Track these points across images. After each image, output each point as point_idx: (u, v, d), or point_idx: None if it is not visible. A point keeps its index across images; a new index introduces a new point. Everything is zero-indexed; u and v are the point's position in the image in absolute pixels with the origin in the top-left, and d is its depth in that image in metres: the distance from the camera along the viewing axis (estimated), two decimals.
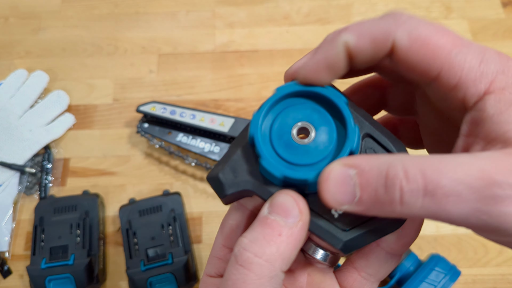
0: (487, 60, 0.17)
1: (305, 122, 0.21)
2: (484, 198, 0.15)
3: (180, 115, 0.55)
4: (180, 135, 0.56)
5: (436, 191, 0.15)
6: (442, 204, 0.15)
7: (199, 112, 0.56)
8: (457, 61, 0.17)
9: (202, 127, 0.55)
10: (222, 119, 0.55)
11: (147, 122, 0.58)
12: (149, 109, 0.56)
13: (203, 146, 0.55)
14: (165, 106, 0.56)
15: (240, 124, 0.55)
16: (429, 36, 0.18)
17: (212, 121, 0.55)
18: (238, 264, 0.18)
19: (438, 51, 0.17)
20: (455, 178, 0.15)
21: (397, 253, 0.22)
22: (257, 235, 0.18)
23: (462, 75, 0.17)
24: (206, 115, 0.56)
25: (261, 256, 0.18)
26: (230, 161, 0.21)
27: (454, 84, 0.18)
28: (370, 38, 0.18)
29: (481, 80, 0.17)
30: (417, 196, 0.15)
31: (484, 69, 0.17)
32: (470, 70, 0.17)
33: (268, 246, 0.18)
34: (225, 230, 0.23)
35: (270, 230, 0.18)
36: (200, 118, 0.55)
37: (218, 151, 0.55)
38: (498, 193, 0.14)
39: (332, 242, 0.20)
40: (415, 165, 0.16)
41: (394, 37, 0.18)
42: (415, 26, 0.18)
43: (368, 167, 0.17)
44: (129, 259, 0.48)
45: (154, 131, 0.57)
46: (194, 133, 0.56)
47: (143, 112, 0.56)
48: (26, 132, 0.59)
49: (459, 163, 0.15)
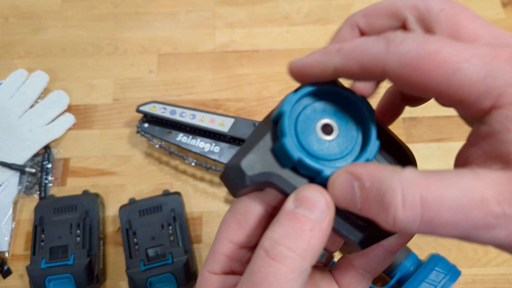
0: (493, 72, 0.16)
1: (332, 119, 0.21)
2: (478, 226, 0.15)
3: (180, 115, 0.55)
4: (180, 135, 0.56)
5: (433, 220, 0.16)
6: (437, 229, 0.16)
7: (199, 112, 0.56)
8: (456, 79, 0.17)
9: (202, 127, 0.55)
10: (222, 119, 0.55)
11: (147, 122, 0.57)
12: (149, 109, 0.56)
13: (203, 146, 0.55)
14: (165, 106, 0.56)
15: (240, 124, 0.55)
16: (422, 58, 0.17)
17: (212, 121, 0.55)
18: (270, 258, 0.18)
19: (432, 72, 0.17)
20: (455, 207, 0.15)
21: (396, 250, 0.22)
22: (288, 229, 0.18)
23: (463, 92, 0.17)
24: (206, 115, 0.56)
25: (295, 251, 0.18)
26: (252, 151, 0.20)
27: (456, 101, 0.17)
28: (359, 65, 0.18)
29: (486, 96, 0.16)
30: (413, 223, 0.16)
31: (489, 83, 0.16)
32: (472, 86, 0.16)
33: (300, 240, 0.18)
34: (233, 226, 0.22)
35: (300, 224, 0.18)
36: (200, 118, 0.55)
37: (218, 151, 0.55)
38: (492, 222, 0.15)
39: (352, 236, 0.20)
40: (415, 190, 0.16)
41: (384, 64, 0.18)
42: (408, 49, 0.17)
43: (369, 183, 0.17)
44: (129, 259, 0.48)
45: (154, 131, 0.57)
46: (194, 133, 0.56)
47: (143, 112, 0.56)
48: (26, 132, 0.59)
49: (462, 189, 0.15)
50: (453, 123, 0.61)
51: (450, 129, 0.60)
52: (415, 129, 0.61)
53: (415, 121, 0.61)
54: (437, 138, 0.60)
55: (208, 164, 0.55)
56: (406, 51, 0.17)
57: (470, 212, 0.15)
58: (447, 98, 0.17)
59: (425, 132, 0.60)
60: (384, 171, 0.17)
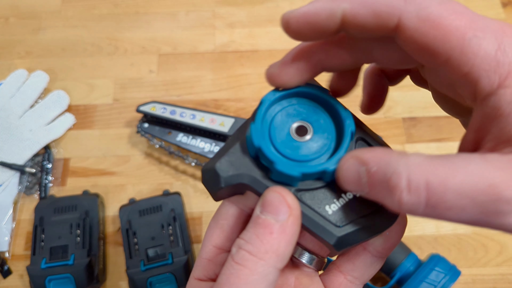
0: (505, 47, 0.15)
1: (306, 121, 0.21)
2: (488, 212, 0.15)
3: (180, 115, 0.55)
4: (180, 135, 0.56)
5: (439, 204, 0.15)
6: (444, 214, 0.15)
7: (199, 112, 0.56)
8: (470, 47, 0.16)
9: (202, 127, 0.55)
10: (222, 119, 0.55)
11: (147, 122, 0.57)
12: (149, 109, 0.56)
13: (203, 146, 0.55)
14: (165, 106, 0.56)
15: (240, 124, 0.55)
16: (442, 16, 0.16)
17: (212, 121, 0.55)
18: (234, 262, 0.19)
19: (450, 34, 0.16)
20: (461, 192, 0.15)
21: (383, 256, 0.22)
22: (251, 235, 0.19)
23: (475, 62, 0.16)
24: (206, 115, 0.56)
25: (256, 255, 0.18)
26: (227, 154, 0.21)
27: (466, 72, 0.16)
28: (373, 12, 0.17)
29: (496, 71, 0.15)
30: (418, 206, 0.15)
31: (500, 58, 0.15)
32: (485, 58, 0.16)
33: (262, 244, 0.19)
34: (216, 231, 0.23)
35: (262, 229, 0.19)
36: (200, 118, 0.55)
37: (218, 150, 0.55)
38: (503, 208, 0.14)
39: (326, 237, 0.20)
40: (420, 174, 0.15)
41: (401, 14, 0.16)
42: (427, 4, 0.16)
43: (375, 167, 0.17)
44: (129, 259, 0.48)
45: (154, 131, 0.57)
46: (194, 133, 0.56)
47: (143, 112, 0.56)
48: (26, 132, 0.59)
49: (468, 174, 0.15)
50: (453, 123, 0.61)
51: (450, 129, 0.60)
52: (415, 129, 0.61)
53: (415, 121, 0.61)
54: (437, 138, 0.60)
55: None
56: (427, 5, 0.16)
57: (478, 197, 0.14)
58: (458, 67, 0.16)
59: (425, 132, 0.60)
60: (391, 155, 0.17)
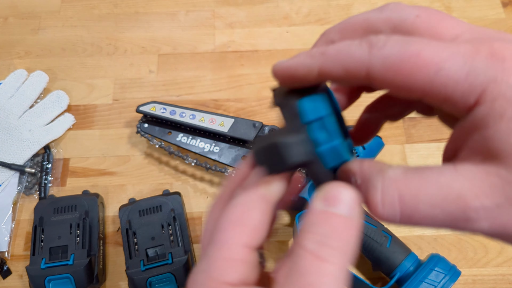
0: (475, 69, 0.16)
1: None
2: (458, 219, 0.16)
3: (180, 115, 0.55)
4: (180, 135, 0.56)
5: (412, 215, 0.17)
6: (418, 223, 0.17)
7: (198, 112, 0.56)
8: (439, 80, 0.17)
9: (202, 127, 0.55)
10: (221, 119, 0.55)
11: (147, 122, 0.57)
12: (149, 109, 0.56)
13: (203, 146, 0.55)
14: (164, 106, 0.56)
15: (240, 124, 0.55)
16: (404, 61, 0.17)
17: (212, 121, 0.55)
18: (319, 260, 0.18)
19: (416, 75, 0.17)
20: (432, 203, 0.16)
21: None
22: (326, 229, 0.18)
23: (447, 92, 0.17)
24: (205, 115, 0.55)
25: (339, 250, 0.18)
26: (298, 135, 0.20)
27: (441, 100, 0.18)
28: (343, 69, 0.18)
29: (470, 93, 0.17)
30: (393, 218, 0.17)
31: (472, 81, 0.16)
32: (456, 85, 0.17)
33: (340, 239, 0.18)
34: (240, 228, 0.20)
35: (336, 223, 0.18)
36: (200, 118, 0.55)
37: (217, 151, 0.55)
38: (471, 216, 0.16)
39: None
40: (394, 189, 0.17)
41: (368, 67, 0.18)
42: (390, 52, 0.17)
43: (359, 180, 0.19)
44: (129, 259, 0.48)
45: (154, 131, 0.57)
46: (194, 133, 0.56)
47: (142, 112, 0.56)
48: (26, 132, 0.59)
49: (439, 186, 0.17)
50: None
51: (449, 130, 0.60)
52: (415, 129, 0.61)
53: (415, 121, 0.61)
54: (437, 138, 0.60)
55: (208, 164, 0.55)
56: (388, 54, 0.17)
57: (448, 207, 0.16)
58: (433, 98, 0.18)
59: (425, 132, 0.60)
60: (372, 170, 0.18)
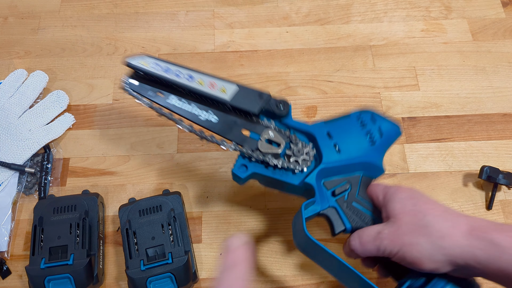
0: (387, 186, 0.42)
1: None
2: (375, 241, 0.38)
3: (175, 74, 0.47)
4: (173, 98, 0.48)
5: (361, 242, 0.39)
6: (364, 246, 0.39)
7: (197, 73, 0.48)
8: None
9: (200, 91, 0.46)
10: (223, 85, 0.47)
11: (136, 79, 0.49)
12: (139, 63, 0.48)
13: (198, 113, 0.47)
14: (158, 62, 0.48)
15: (244, 94, 0.46)
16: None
17: (212, 86, 0.47)
18: None
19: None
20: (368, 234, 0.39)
21: None
22: None
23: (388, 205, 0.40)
24: (205, 78, 0.47)
25: None
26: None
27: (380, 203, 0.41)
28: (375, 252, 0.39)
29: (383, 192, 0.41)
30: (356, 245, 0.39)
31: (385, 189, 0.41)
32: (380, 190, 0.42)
33: None
34: None
35: None
36: (198, 80, 0.47)
37: (216, 121, 0.47)
38: (380, 236, 0.38)
39: None
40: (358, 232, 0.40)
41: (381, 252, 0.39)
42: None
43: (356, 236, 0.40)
44: (129, 259, 0.48)
45: (142, 90, 0.49)
46: (190, 97, 0.48)
47: (131, 66, 0.48)
48: (26, 132, 0.59)
49: (371, 229, 0.39)
50: (453, 123, 0.61)
51: (449, 129, 0.60)
52: (415, 129, 0.61)
53: (415, 121, 0.61)
54: (437, 138, 0.60)
55: (204, 133, 0.47)
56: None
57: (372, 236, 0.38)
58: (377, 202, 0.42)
59: (425, 132, 0.60)
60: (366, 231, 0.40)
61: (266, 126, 0.45)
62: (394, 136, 0.45)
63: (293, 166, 0.42)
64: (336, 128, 0.44)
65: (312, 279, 0.51)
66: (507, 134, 0.60)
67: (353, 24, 0.69)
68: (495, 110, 0.62)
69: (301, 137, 0.45)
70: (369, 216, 0.42)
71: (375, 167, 0.44)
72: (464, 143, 0.60)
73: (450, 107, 0.62)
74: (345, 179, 0.44)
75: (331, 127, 0.45)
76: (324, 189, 0.43)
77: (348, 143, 0.43)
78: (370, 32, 0.68)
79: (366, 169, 0.44)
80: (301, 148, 0.44)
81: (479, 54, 0.66)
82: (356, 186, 0.43)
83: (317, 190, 0.42)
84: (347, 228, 0.42)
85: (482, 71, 0.65)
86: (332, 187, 0.43)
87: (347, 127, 0.44)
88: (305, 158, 0.43)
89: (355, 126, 0.44)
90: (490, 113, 0.62)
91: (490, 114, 0.62)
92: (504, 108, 0.62)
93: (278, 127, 0.45)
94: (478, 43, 0.67)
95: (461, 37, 0.68)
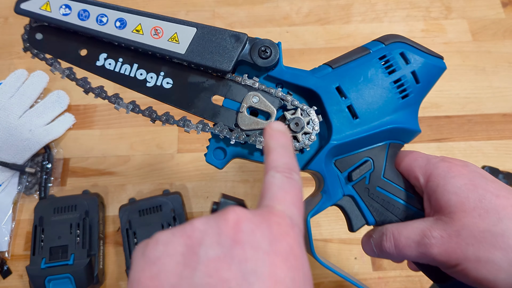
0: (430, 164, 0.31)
1: None
2: (420, 244, 0.28)
3: (97, 21, 0.31)
4: (103, 58, 0.33)
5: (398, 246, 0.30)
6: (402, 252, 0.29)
7: (133, 15, 0.32)
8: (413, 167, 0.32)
9: (137, 43, 0.31)
10: (174, 30, 0.32)
11: (41, 32, 0.34)
12: (37, 9, 0.33)
13: (144, 77, 0.33)
14: (68, 3, 0.32)
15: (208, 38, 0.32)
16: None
17: (157, 33, 0.32)
18: None
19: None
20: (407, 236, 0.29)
21: None
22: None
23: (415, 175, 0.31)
24: (145, 20, 0.32)
25: None
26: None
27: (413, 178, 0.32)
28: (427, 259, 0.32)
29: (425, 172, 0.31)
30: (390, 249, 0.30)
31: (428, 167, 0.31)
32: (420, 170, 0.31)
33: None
34: None
35: None
36: (134, 27, 0.32)
37: (170, 86, 0.33)
38: (426, 242, 0.28)
39: None
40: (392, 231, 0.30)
41: None
42: None
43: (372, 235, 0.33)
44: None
45: (55, 49, 0.34)
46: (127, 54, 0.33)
47: (26, 14, 0.34)
48: (26, 132, 0.59)
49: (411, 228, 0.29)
50: (453, 123, 0.61)
51: (450, 129, 0.60)
52: None
53: None
54: (437, 138, 0.60)
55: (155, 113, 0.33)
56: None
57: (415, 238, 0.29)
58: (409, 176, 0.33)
59: (425, 132, 0.60)
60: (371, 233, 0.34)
61: (246, 86, 0.32)
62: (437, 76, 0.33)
63: None
64: (350, 78, 0.32)
65: (312, 279, 0.51)
66: (507, 134, 0.60)
67: (353, 24, 0.69)
68: (495, 110, 0.62)
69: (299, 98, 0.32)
70: (402, 206, 0.31)
71: (407, 130, 0.33)
72: (464, 143, 0.60)
73: (450, 107, 0.62)
74: (365, 154, 0.32)
75: (342, 78, 0.32)
76: (336, 172, 0.32)
77: (369, 103, 0.31)
78: (371, 32, 0.68)
79: (394, 135, 0.32)
80: (300, 118, 0.31)
81: (479, 54, 0.66)
82: (382, 163, 0.32)
83: (326, 176, 0.31)
84: (369, 222, 0.32)
85: (482, 71, 0.65)
86: (347, 168, 0.32)
87: (365, 75, 0.31)
88: (307, 131, 0.31)
89: (378, 73, 0.31)
90: (490, 113, 0.62)
91: (490, 114, 0.62)
92: (504, 108, 0.62)
93: (265, 85, 0.32)
94: (478, 43, 0.67)
95: (461, 37, 0.68)
